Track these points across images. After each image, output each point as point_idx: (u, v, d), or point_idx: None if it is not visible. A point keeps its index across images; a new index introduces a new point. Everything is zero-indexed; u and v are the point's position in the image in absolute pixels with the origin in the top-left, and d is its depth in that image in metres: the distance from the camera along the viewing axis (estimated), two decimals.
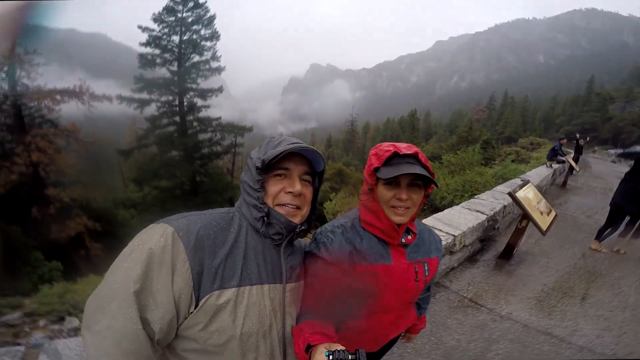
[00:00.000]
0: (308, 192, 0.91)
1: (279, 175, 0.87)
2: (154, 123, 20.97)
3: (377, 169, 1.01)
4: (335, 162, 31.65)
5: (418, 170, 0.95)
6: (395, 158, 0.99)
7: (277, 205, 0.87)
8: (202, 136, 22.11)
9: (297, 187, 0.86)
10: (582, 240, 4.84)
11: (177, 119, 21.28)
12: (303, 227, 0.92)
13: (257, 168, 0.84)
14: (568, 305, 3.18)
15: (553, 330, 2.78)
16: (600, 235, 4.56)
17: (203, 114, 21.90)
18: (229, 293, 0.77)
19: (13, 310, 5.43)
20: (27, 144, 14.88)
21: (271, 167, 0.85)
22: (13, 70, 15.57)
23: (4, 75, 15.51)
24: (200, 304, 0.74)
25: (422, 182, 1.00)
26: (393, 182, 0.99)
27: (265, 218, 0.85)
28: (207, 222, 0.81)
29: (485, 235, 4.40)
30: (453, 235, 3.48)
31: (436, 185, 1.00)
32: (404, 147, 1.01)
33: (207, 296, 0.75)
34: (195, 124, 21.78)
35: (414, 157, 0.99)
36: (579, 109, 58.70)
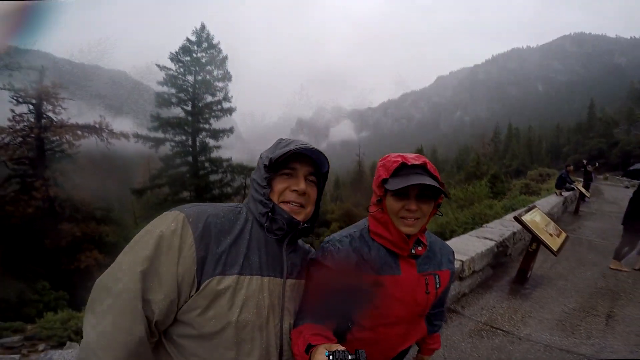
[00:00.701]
0: (313, 191, 0.96)
1: (286, 174, 0.92)
2: (167, 163, 21.21)
3: (385, 181, 0.99)
4: (343, 202, 31.52)
5: (427, 180, 0.93)
6: (403, 169, 0.98)
7: (282, 202, 0.91)
8: (213, 177, 22.04)
9: (302, 185, 0.91)
10: (600, 262, 4.69)
11: (190, 159, 21.45)
12: (306, 225, 0.95)
13: (265, 166, 0.90)
14: (593, 324, 3.02)
15: (579, 348, 2.63)
16: (618, 255, 4.44)
17: (214, 154, 22.02)
18: (229, 280, 0.80)
19: (14, 334, 5.37)
20: (46, 178, 15.15)
21: (279, 166, 0.91)
22: (40, 103, 15.94)
23: (31, 107, 15.92)
24: (201, 288, 0.78)
25: (432, 193, 0.99)
26: (402, 193, 0.98)
27: (270, 213, 0.89)
28: (216, 212, 0.87)
29: (496, 261, 4.32)
30: (461, 260, 3.44)
31: (446, 196, 1.01)
32: (412, 158, 1.00)
33: (208, 280, 0.78)
34: (206, 164, 21.83)
35: (422, 168, 0.98)
36: (583, 136, 58.03)
